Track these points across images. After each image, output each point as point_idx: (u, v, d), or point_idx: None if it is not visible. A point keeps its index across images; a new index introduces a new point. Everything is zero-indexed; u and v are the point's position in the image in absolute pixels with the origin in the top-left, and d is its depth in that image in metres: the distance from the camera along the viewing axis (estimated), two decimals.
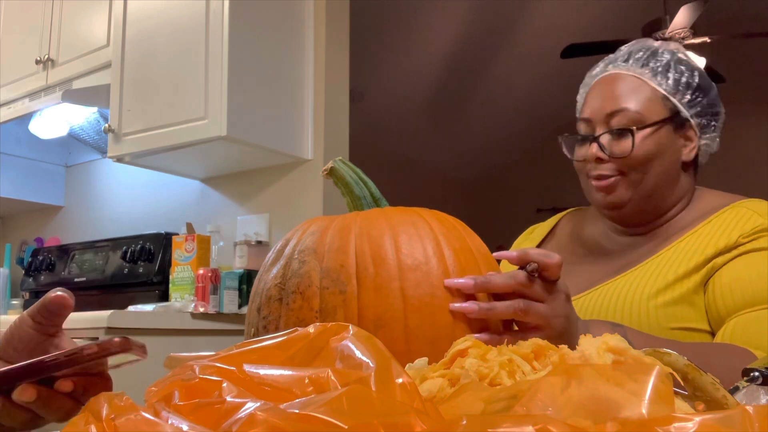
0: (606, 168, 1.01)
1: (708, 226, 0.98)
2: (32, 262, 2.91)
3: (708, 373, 0.53)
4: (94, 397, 0.37)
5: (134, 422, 0.35)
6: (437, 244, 0.70)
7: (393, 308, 0.66)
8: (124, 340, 0.51)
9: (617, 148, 0.99)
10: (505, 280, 0.67)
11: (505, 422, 0.30)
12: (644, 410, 0.32)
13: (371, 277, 0.67)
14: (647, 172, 1.00)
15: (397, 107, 4.83)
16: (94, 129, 2.85)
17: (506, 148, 5.82)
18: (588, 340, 0.49)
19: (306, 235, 0.74)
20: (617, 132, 0.99)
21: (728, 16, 4.19)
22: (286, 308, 0.70)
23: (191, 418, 0.34)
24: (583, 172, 1.06)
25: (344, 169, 0.80)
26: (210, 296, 2.14)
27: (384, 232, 0.70)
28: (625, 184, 1.01)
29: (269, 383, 0.37)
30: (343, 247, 0.70)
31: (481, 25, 4.33)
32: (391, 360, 0.38)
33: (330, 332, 0.41)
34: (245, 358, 0.39)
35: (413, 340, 0.65)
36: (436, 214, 0.76)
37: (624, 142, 0.99)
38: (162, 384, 0.38)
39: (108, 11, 2.54)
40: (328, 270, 0.69)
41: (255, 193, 2.53)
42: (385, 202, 0.81)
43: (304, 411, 0.31)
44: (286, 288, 0.71)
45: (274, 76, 2.35)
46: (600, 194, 1.03)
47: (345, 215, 0.76)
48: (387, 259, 0.68)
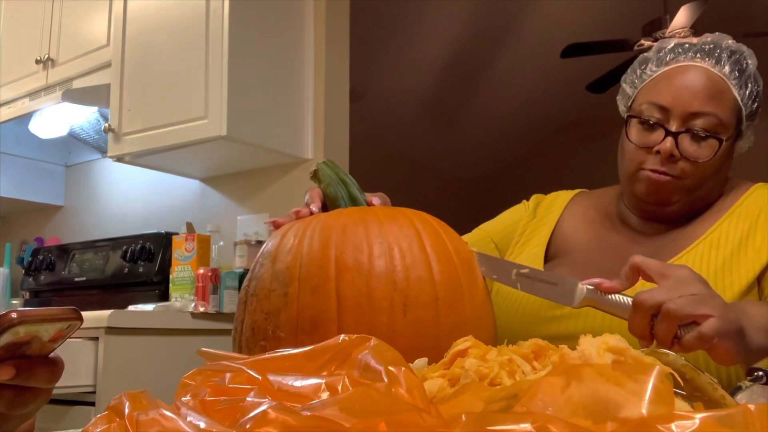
0: (671, 167, 0.94)
1: (741, 207, 0.98)
2: (32, 262, 2.91)
3: (706, 373, 0.53)
4: (115, 396, 0.39)
5: (156, 419, 0.35)
6: (384, 244, 0.68)
7: (328, 309, 0.65)
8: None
9: (694, 151, 0.93)
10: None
11: (505, 420, 0.30)
12: (644, 410, 0.32)
13: (310, 278, 0.66)
14: (706, 182, 0.96)
15: (398, 107, 4.83)
16: (94, 129, 2.84)
17: (506, 147, 5.82)
18: (588, 340, 0.49)
19: (272, 239, 0.74)
20: (701, 136, 0.93)
21: (728, 16, 4.19)
22: (247, 311, 0.70)
23: (215, 416, 0.35)
24: (635, 160, 0.98)
25: (326, 171, 0.81)
26: (210, 296, 2.14)
27: (331, 233, 0.69)
28: (679, 188, 0.95)
29: (287, 389, 0.38)
30: (293, 249, 0.69)
31: (481, 24, 4.33)
32: (403, 367, 0.38)
33: (354, 344, 0.43)
34: (273, 366, 0.41)
35: None
36: (394, 212, 0.75)
37: (704, 149, 0.93)
38: (195, 378, 0.40)
39: (108, 11, 2.54)
40: (277, 272, 0.69)
41: (255, 193, 2.53)
42: (362, 201, 0.81)
43: (316, 411, 0.32)
44: (249, 291, 0.71)
45: (274, 75, 2.35)
46: (649, 187, 0.96)
47: (310, 217, 0.76)
48: (327, 260, 0.67)
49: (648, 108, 0.97)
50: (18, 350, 0.51)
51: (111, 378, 1.84)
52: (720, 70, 0.96)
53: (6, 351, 0.50)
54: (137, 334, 1.94)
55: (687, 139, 0.94)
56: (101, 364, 1.84)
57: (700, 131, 0.93)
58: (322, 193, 0.83)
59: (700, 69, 0.96)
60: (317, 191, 0.84)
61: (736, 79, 0.96)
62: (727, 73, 0.96)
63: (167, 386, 0.45)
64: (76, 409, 1.85)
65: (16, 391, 0.52)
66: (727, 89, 0.96)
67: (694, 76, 0.96)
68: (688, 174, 0.94)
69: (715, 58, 0.97)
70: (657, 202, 0.98)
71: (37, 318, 0.49)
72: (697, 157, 0.93)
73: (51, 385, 0.54)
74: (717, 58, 0.97)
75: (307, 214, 0.79)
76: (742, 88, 0.97)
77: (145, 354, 1.95)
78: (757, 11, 4.25)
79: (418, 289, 0.68)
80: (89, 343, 1.86)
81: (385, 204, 0.86)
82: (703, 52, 0.98)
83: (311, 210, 0.80)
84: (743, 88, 0.97)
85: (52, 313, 0.50)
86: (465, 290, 0.72)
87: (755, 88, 0.98)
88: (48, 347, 0.53)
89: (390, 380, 0.36)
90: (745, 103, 0.97)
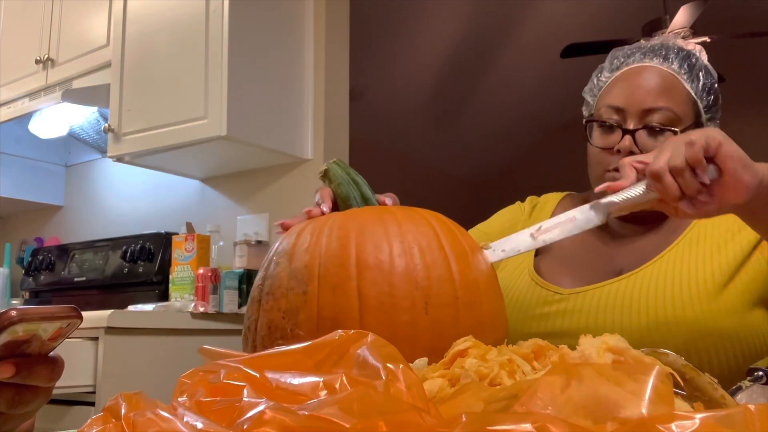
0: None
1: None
2: (32, 262, 2.91)
3: (706, 373, 0.53)
4: (111, 397, 0.38)
5: (153, 420, 0.35)
6: (404, 243, 0.68)
7: (349, 307, 0.65)
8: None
9: (653, 146, 0.95)
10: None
11: (505, 420, 0.30)
12: (644, 410, 0.32)
13: (330, 276, 0.66)
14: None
15: (398, 107, 4.83)
16: (94, 129, 2.84)
17: (506, 147, 5.82)
18: (588, 340, 0.49)
19: (286, 238, 0.74)
20: (657, 130, 0.96)
21: (728, 16, 4.19)
22: (262, 309, 0.70)
23: (212, 416, 0.35)
24: (600, 163, 1.00)
25: (336, 170, 0.81)
26: (210, 296, 2.14)
27: (349, 232, 0.69)
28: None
29: (285, 387, 0.38)
30: (310, 247, 0.69)
31: (481, 24, 4.33)
32: (401, 364, 0.38)
33: (351, 340, 0.42)
34: (271, 362, 0.40)
35: None
36: (410, 212, 0.75)
37: (662, 143, 0.94)
38: (192, 378, 0.39)
39: (108, 11, 2.54)
40: (294, 271, 0.68)
41: (255, 193, 2.53)
42: (374, 201, 0.81)
43: (314, 411, 0.31)
44: (263, 289, 0.71)
45: (274, 75, 2.35)
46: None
47: (324, 216, 0.76)
48: (347, 259, 0.67)
49: (606, 111, 1.00)
50: (18, 349, 0.51)
51: (111, 378, 1.84)
52: (669, 67, 1.00)
53: (6, 350, 0.50)
54: (137, 334, 1.94)
55: (644, 135, 0.96)
56: (101, 364, 1.84)
57: (656, 126, 0.96)
58: (332, 192, 0.83)
59: (650, 68, 1.00)
60: (328, 191, 0.83)
61: (686, 74, 0.99)
62: (677, 69, 1.00)
63: (167, 386, 0.45)
64: (75, 409, 1.85)
65: (16, 390, 0.52)
66: (678, 83, 0.99)
67: (645, 74, 1.00)
68: None
69: (663, 56, 1.01)
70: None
71: (37, 316, 0.49)
72: None
73: (51, 384, 0.54)
74: (665, 57, 1.01)
75: (319, 214, 0.79)
76: (694, 81, 1.00)
77: (145, 354, 1.95)
78: (757, 11, 4.25)
79: (439, 289, 0.67)
80: (89, 343, 1.86)
81: (396, 204, 0.86)
82: (652, 53, 1.02)
83: (322, 210, 0.80)
84: (695, 81, 1.00)
85: (52, 311, 0.50)
86: (482, 289, 0.72)
87: (708, 80, 1.00)
88: (48, 346, 0.53)
89: (388, 377, 0.36)
90: (699, 95, 1.00)
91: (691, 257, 0.96)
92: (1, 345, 0.49)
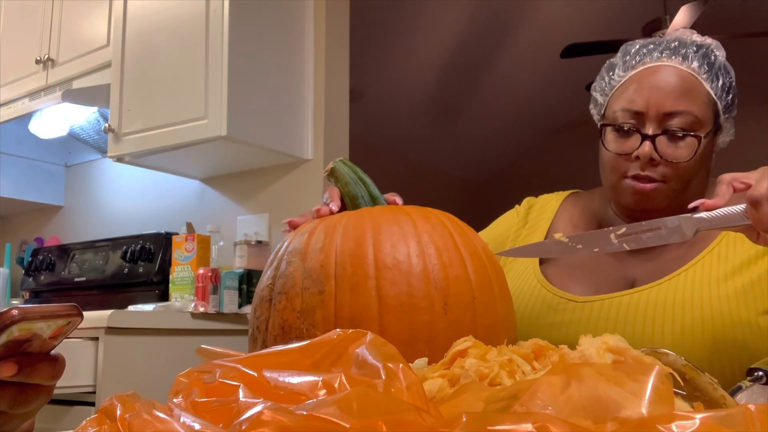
0: (652, 171, 0.92)
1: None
2: (32, 262, 2.91)
3: (706, 373, 0.53)
4: (106, 398, 0.38)
5: (148, 421, 0.35)
6: (421, 243, 0.68)
7: (368, 307, 0.64)
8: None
9: (674, 152, 0.91)
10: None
11: (505, 420, 0.30)
12: (644, 410, 0.32)
13: (348, 276, 0.66)
14: (690, 181, 0.93)
15: (398, 107, 4.83)
16: (94, 129, 2.84)
17: (506, 147, 5.82)
18: (588, 340, 0.49)
19: (297, 236, 0.73)
20: (678, 135, 0.91)
21: (728, 16, 4.19)
22: (274, 309, 0.69)
23: (208, 416, 0.35)
24: (616, 169, 0.95)
25: (343, 169, 0.80)
26: (210, 296, 2.13)
27: (366, 231, 0.68)
28: (666, 192, 0.93)
29: (284, 387, 0.38)
30: (325, 247, 0.69)
31: (481, 24, 4.33)
32: (401, 364, 0.38)
33: (349, 339, 0.42)
34: (268, 362, 0.40)
35: (388, 339, 0.64)
36: (424, 211, 0.74)
37: (682, 149, 0.91)
38: (189, 377, 0.39)
39: (108, 11, 2.54)
40: (309, 270, 0.68)
41: (255, 193, 2.53)
42: (383, 201, 0.81)
43: (313, 411, 0.31)
44: (274, 289, 0.70)
45: (274, 75, 2.35)
46: (635, 197, 0.94)
47: (335, 215, 0.76)
48: (365, 258, 0.66)
49: (622, 114, 0.94)
50: (19, 348, 0.51)
51: (111, 378, 1.84)
52: (688, 66, 0.94)
53: (7, 349, 0.50)
54: (137, 334, 1.94)
55: (664, 140, 0.91)
56: (101, 364, 1.83)
57: (677, 131, 0.91)
58: (340, 192, 0.82)
59: (668, 68, 0.94)
60: (336, 190, 0.82)
61: (706, 73, 0.94)
62: (697, 68, 0.94)
63: (167, 386, 0.44)
64: (76, 409, 1.84)
65: (18, 389, 0.52)
66: (699, 84, 0.93)
67: (663, 75, 0.93)
68: (671, 177, 0.92)
69: (682, 55, 0.95)
70: (644, 212, 0.94)
71: (38, 315, 0.49)
72: (677, 157, 0.91)
73: (53, 383, 0.54)
74: (684, 55, 0.95)
75: (328, 213, 0.78)
76: (714, 81, 0.94)
77: (145, 354, 1.95)
78: (757, 11, 4.25)
79: (457, 289, 0.67)
80: (89, 344, 1.86)
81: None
82: (669, 51, 0.95)
83: (331, 209, 0.79)
84: (715, 80, 0.94)
85: (53, 309, 0.50)
86: (496, 290, 0.72)
87: (727, 79, 0.95)
88: (49, 344, 0.53)
89: (388, 376, 0.36)
90: (719, 96, 0.94)
91: (719, 272, 0.91)
92: (3, 344, 0.49)
